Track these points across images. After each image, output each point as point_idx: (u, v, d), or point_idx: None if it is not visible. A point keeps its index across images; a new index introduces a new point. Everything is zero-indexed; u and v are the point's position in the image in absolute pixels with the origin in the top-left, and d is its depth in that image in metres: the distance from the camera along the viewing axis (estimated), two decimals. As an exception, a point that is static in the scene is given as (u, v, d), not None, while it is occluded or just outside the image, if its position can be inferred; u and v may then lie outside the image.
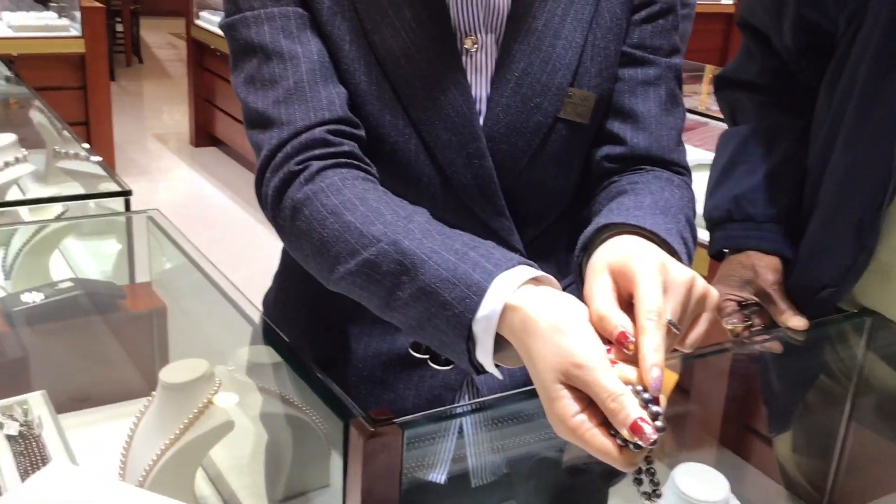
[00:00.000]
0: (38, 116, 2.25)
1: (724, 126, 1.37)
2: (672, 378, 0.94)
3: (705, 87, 3.86)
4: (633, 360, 0.68)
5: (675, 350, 0.74)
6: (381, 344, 1.01)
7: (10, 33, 4.38)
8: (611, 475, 1.08)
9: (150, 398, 1.10)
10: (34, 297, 1.35)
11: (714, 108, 3.41)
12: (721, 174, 1.28)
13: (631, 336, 0.68)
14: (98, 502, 0.71)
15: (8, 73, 2.82)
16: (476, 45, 0.92)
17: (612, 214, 0.85)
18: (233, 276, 1.21)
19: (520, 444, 1.04)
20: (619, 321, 0.69)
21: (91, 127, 4.55)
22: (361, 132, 0.90)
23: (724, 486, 0.95)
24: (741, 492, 1.05)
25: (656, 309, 0.69)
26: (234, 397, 1.15)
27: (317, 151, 0.86)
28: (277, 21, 0.89)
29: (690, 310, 0.73)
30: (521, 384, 0.96)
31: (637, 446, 0.65)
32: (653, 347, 0.67)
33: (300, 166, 0.86)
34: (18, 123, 2.38)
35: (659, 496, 0.70)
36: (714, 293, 0.75)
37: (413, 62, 0.89)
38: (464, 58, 0.92)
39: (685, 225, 0.89)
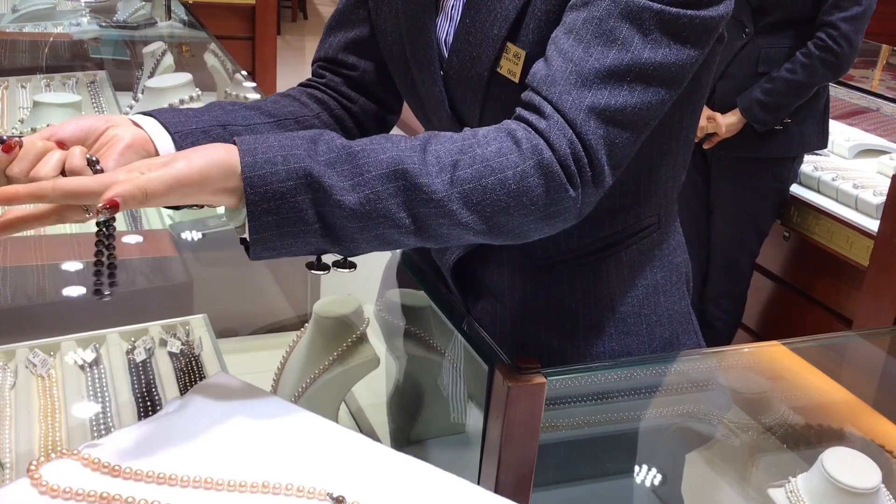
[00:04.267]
0: (211, 59, 2.35)
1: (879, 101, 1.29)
2: None
3: (879, 68, 3.64)
4: None
5: None
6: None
7: (188, -19, 4.59)
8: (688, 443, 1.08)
9: (301, 331, 1.15)
10: (201, 227, 1.43)
11: (890, 92, 3.23)
12: None
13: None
14: (259, 412, 0.75)
15: (186, 16, 2.95)
16: (450, 2, 0.97)
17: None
18: None
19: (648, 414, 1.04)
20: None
21: (257, 77, 4.72)
22: (353, 73, 1.09)
23: (875, 473, 0.91)
24: (888, 486, 1.00)
25: None
26: (380, 336, 1.18)
27: (306, 80, 1.10)
28: None
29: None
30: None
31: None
32: None
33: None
34: (193, 65, 2.50)
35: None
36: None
37: (407, 8, 1.00)
38: (442, 3, 0.98)
39: (384, 178, 0.77)
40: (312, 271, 0.85)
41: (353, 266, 0.88)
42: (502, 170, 0.78)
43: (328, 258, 0.86)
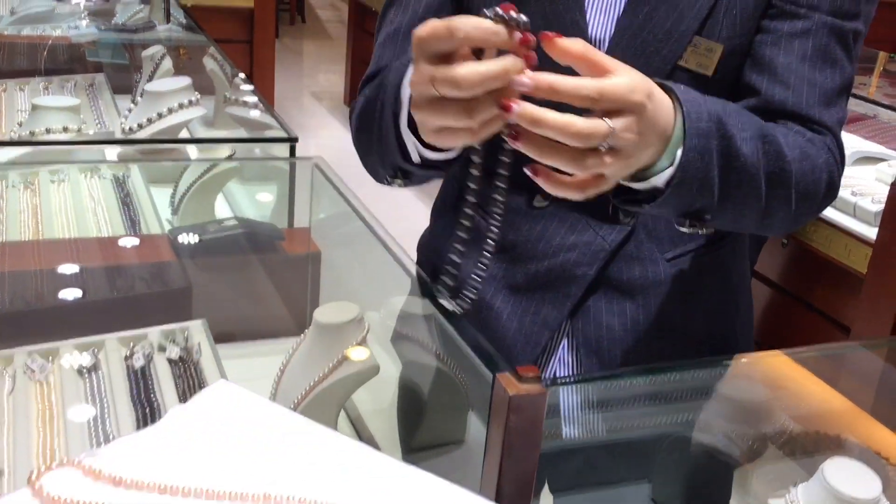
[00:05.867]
0: (210, 63, 2.35)
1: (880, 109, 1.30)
2: None
3: (877, 75, 3.65)
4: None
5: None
6: (498, 271, 1.05)
7: (187, -16, 4.58)
8: (736, 462, 1.07)
9: (300, 337, 1.15)
10: (200, 231, 1.43)
11: (887, 99, 3.23)
12: None
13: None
14: (260, 422, 0.75)
15: (185, 19, 2.95)
16: None
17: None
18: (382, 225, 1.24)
19: (652, 422, 1.04)
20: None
21: (255, 80, 4.72)
22: None
23: (876, 484, 0.91)
24: (888, 495, 1.00)
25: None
26: (381, 344, 1.18)
27: None
28: None
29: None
30: (616, 343, 1.01)
31: (510, 20, 0.69)
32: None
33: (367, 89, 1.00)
34: (192, 68, 2.49)
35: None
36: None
37: (538, 1, 0.94)
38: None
39: (756, 138, 0.84)
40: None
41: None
42: (822, 168, 0.91)
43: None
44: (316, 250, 1.44)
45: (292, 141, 1.51)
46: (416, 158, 0.88)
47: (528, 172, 0.74)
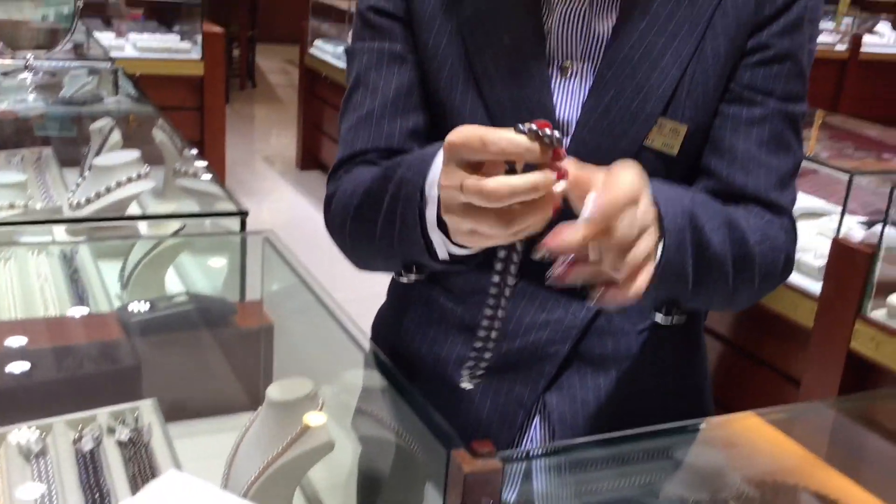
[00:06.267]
0: (159, 135, 2.35)
1: (835, 172, 1.35)
2: None
3: (815, 132, 3.76)
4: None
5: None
6: (466, 350, 1.03)
7: (136, 54, 4.58)
8: None
9: (253, 413, 1.13)
10: (149, 308, 1.41)
11: (824, 155, 3.33)
12: None
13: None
14: (211, 512, 0.74)
15: (133, 90, 2.95)
16: (571, 71, 0.97)
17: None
18: (335, 296, 1.24)
19: (623, 489, 1.04)
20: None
21: (205, 147, 4.72)
22: None
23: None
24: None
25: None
26: (336, 418, 1.17)
27: (362, 167, 1.00)
28: (374, 55, 1.02)
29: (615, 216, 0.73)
30: (591, 416, 1.01)
31: (544, 137, 0.70)
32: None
33: (346, 175, 1.01)
34: (141, 139, 2.49)
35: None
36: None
37: (506, 84, 0.96)
38: (558, 81, 0.97)
39: (722, 228, 0.89)
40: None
41: None
42: (780, 249, 0.96)
43: None
44: (268, 323, 1.44)
45: (242, 215, 1.52)
46: (443, 255, 0.87)
47: (595, 294, 0.76)
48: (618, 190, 0.73)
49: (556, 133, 0.72)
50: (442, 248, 0.87)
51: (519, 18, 0.95)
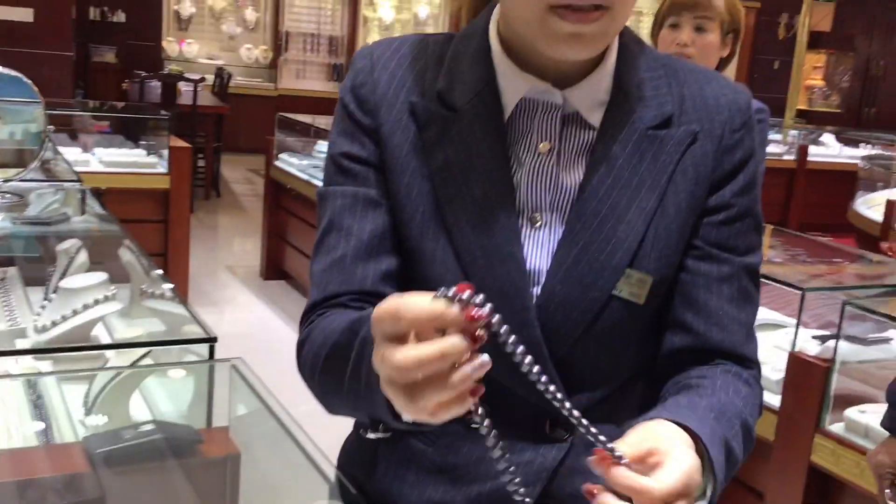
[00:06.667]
0: (126, 254, 2.37)
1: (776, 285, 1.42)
2: None
3: (766, 246, 3.88)
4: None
5: None
6: (437, 493, 1.04)
7: (102, 168, 4.63)
8: None
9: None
10: (114, 438, 1.40)
11: (778, 261, 3.42)
12: None
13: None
14: None
15: (99, 208, 2.98)
16: (540, 223, 1.00)
17: (664, 411, 0.90)
18: (297, 410, 1.24)
19: None
20: None
21: (169, 258, 4.73)
22: None
23: None
24: None
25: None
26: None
27: (335, 311, 1.00)
28: (348, 199, 1.03)
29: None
30: None
31: (462, 301, 0.68)
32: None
33: (318, 319, 1.00)
34: (108, 257, 2.50)
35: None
36: None
37: (477, 235, 0.98)
38: (528, 231, 1.00)
39: (738, 430, 0.95)
40: None
41: None
42: (760, 401, 1.03)
43: None
44: (235, 451, 1.43)
45: (211, 341, 1.53)
46: (406, 417, 0.84)
47: None
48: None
49: (479, 297, 0.69)
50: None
51: (489, 171, 0.98)
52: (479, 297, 0.69)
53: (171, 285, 2.03)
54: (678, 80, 1.03)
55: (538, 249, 0.99)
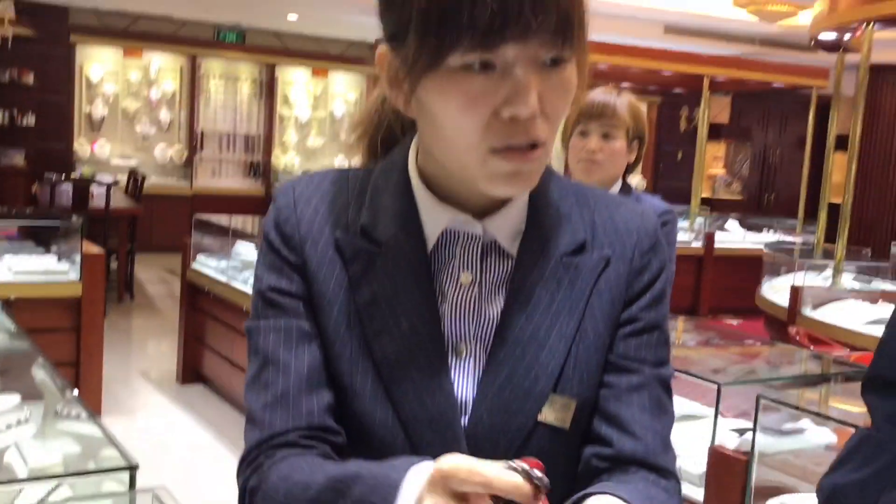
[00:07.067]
0: (39, 373, 2.30)
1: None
2: None
3: (679, 333, 3.99)
4: None
5: None
6: None
7: (11, 277, 4.50)
8: None
9: None
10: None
11: (693, 360, 3.51)
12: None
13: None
14: None
15: (8, 321, 2.89)
16: (466, 353, 1.02)
17: (593, 487, 0.93)
18: None
19: None
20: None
21: (81, 367, 4.59)
22: (338, 439, 1.00)
23: None
24: None
25: None
26: None
27: (285, 451, 0.97)
28: (281, 333, 1.02)
29: None
30: None
31: (535, 479, 0.75)
32: None
33: (268, 461, 0.97)
34: (17, 374, 2.43)
35: None
36: None
37: (405, 367, 0.99)
38: (454, 362, 1.01)
39: None
40: None
41: None
42: None
43: None
44: (159, 585, 1.38)
45: (132, 469, 1.49)
46: None
47: None
48: None
49: (546, 479, 0.75)
50: None
51: (415, 303, 1.00)
52: (546, 480, 0.76)
53: (86, 410, 1.97)
54: (589, 207, 1.07)
55: (465, 379, 1.01)
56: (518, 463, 0.76)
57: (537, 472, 0.75)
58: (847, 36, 6.93)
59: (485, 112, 0.90)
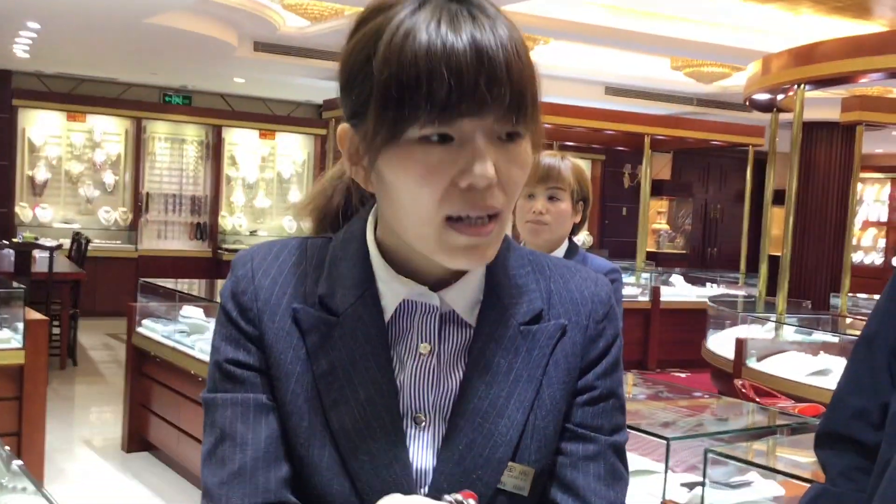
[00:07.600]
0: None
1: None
2: None
3: (631, 378, 4.04)
4: None
5: None
6: None
7: (-52, 347, 4.39)
8: None
9: None
10: None
11: (643, 413, 3.55)
12: None
13: None
14: None
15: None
16: (424, 423, 1.02)
17: None
18: None
19: None
20: None
21: (23, 438, 4.46)
22: None
23: None
24: None
25: None
26: None
27: None
28: (238, 407, 1.01)
29: None
30: None
31: None
32: None
33: None
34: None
35: None
36: None
37: (362, 438, 1.00)
38: (413, 432, 1.02)
39: None
40: None
41: None
42: None
43: None
44: None
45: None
46: None
47: None
48: None
49: None
50: None
51: (373, 374, 1.00)
52: None
53: (32, 481, 1.93)
54: (544, 276, 1.09)
55: (423, 450, 1.02)
56: (453, 496, 0.79)
57: (471, 502, 0.79)
58: (780, 96, 7.20)
59: (443, 182, 0.92)
